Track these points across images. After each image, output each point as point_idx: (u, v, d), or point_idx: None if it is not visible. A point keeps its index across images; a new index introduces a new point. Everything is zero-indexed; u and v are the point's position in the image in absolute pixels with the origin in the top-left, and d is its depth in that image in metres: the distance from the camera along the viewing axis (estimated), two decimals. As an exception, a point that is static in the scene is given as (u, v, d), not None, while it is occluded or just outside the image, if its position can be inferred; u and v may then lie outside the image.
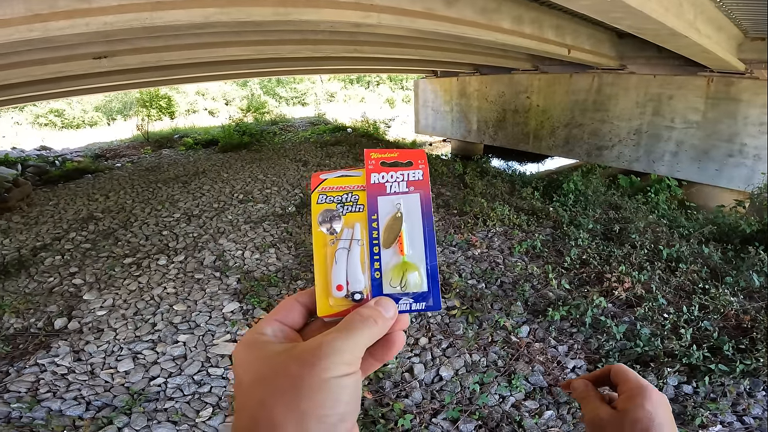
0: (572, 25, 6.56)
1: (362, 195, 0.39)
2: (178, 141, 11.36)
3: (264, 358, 0.33)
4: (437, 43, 6.74)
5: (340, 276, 0.38)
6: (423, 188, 0.39)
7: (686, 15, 4.70)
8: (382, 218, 0.39)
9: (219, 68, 7.62)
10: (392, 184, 0.39)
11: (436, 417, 2.52)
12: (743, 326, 3.13)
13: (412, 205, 0.39)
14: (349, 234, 0.39)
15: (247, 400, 0.32)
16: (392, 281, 0.38)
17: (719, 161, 7.79)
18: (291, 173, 7.79)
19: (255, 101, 18.04)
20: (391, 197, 0.39)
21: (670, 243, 4.44)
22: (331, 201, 0.39)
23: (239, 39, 5.46)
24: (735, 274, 3.87)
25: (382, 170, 0.39)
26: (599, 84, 9.04)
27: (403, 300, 0.38)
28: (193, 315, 3.55)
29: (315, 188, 0.40)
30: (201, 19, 3.48)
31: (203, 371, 2.94)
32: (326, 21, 4.05)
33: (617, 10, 3.81)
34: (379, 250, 0.38)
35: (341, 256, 0.38)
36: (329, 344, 0.32)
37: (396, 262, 0.38)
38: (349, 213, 0.39)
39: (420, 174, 0.39)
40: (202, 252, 4.76)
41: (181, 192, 6.85)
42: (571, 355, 3.00)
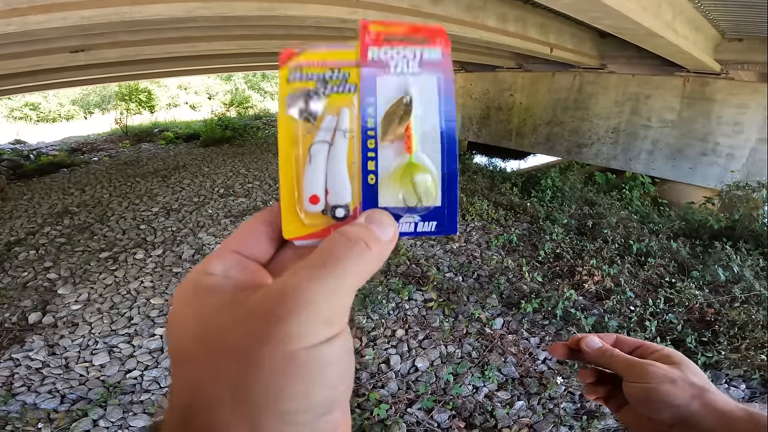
0: (555, 24, 6.67)
1: (354, 72, 0.27)
2: (158, 135, 11.17)
3: (204, 317, 0.23)
4: (423, 40, 6.77)
5: (315, 182, 0.27)
6: (443, 70, 0.28)
7: (664, 15, 4.81)
8: (381, 105, 0.27)
9: (202, 62, 7.52)
10: (399, 61, 0.27)
11: (411, 407, 2.57)
12: (707, 319, 3.25)
13: (427, 88, 0.27)
14: (332, 122, 0.27)
15: (179, 385, 0.22)
16: (393, 189, 0.27)
17: (693, 160, 8.00)
18: (274, 168, 7.75)
19: (239, 96, 17.82)
20: (397, 77, 0.27)
21: (640, 238, 4.59)
22: (309, 78, 0.27)
23: (223, 33, 5.41)
24: (702, 268, 4.01)
25: (385, 45, 0.27)
26: (580, 83, 9.19)
27: (406, 218, 0.27)
28: (170, 308, 3.53)
29: (285, 63, 0.27)
30: (183, 13, 3.45)
31: None
32: (312, 16, 4.05)
33: (596, 9, 3.89)
34: (375, 145, 0.27)
35: (319, 154, 0.27)
36: (296, 291, 0.21)
37: (399, 164, 0.27)
38: (335, 94, 0.27)
39: (439, 53, 0.28)
40: (180, 246, 4.73)
41: (160, 186, 6.76)
42: (542, 347, 3.09)
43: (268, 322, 0.20)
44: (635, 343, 0.53)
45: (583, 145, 9.51)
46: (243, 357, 0.20)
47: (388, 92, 0.27)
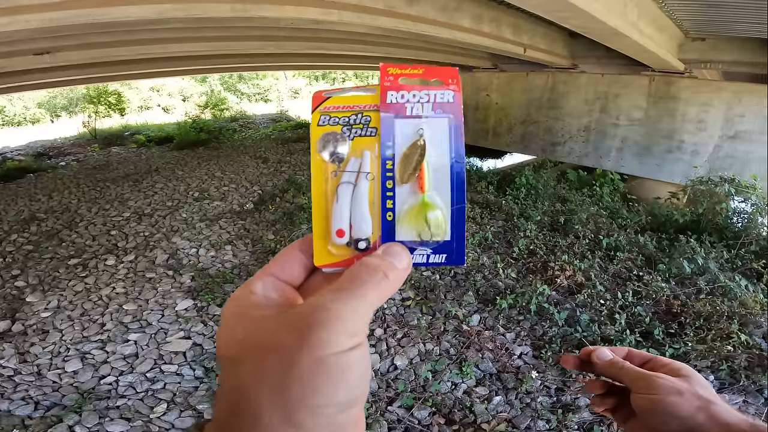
0: (529, 24, 6.79)
1: (375, 116, 0.31)
2: (129, 138, 10.87)
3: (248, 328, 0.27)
4: (400, 41, 6.81)
5: (341, 218, 0.30)
6: (454, 112, 0.31)
7: (629, 15, 4.95)
8: (399, 146, 0.31)
9: (175, 64, 7.36)
10: (414, 105, 0.31)
11: (391, 405, 2.60)
12: (673, 311, 3.37)
13: (438, 131, 0.31)
14: (356, 165, 0.31)
15: (228, 381, 0.26)
16: (408, 225, 0.31)
17: (660, 156, 8.28)
18: (250, 170, 7.66)
19: (214, 97, 17.48)
20: (413, 120, 0.31)
21: (609, 233, 4.73)
22: (336, 123, 0.31)
23: (197, 35, 5.31)
24: (668, 261, 4.16)
25: (403, 88, 0.31)
26: (553, 82, 9.40)
27: (419, 250, 0.31)
28: (144, 314, 3.51)
29: (316, 107, 0.32)
30: (154, 15, 3.38)
31: (156, 368, 2.93)
32: (286, 18, 4.03)
33: (564, 9, 3.97)
34: (393, 185, 0.31)
35: (344, 193, 0.31)
36: (326, 309, 0.25)
37: (414, 202, 0.31)
38: (358, 137, 0.31)
39: (451, 95, 0.31)
40: (153, 251, 4.63)
41: (132, 191, 6.59)
42: (518, 342, 3.16)
43: (305, 330, 0.24)
44: (646, 356, 0.54)
45: (557, 143, 9.73)
46: (283, 358, 0.24)
47: (405, 134, 0.31)
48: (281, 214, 5.54)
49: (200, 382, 2.83)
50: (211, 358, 3.03)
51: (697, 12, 5.95)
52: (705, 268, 3.94)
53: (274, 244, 4.58)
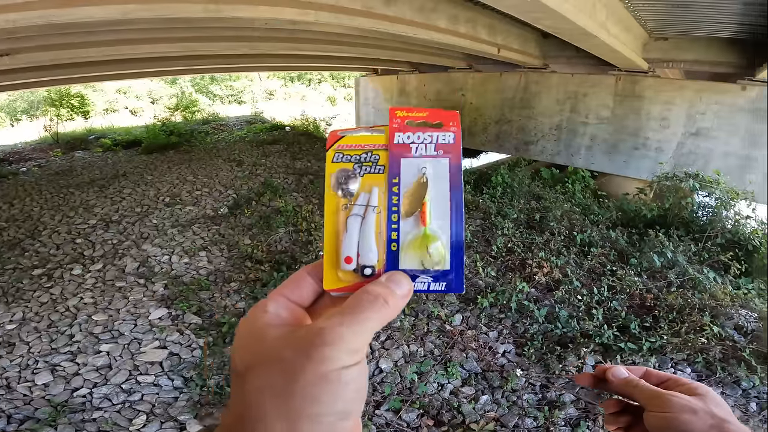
0: (503, 25, 6.89)
1: (383, 155, 0.35)
2: (94, 142, 10.40)
3: (260, 343, 0.30)
4: (377, 42, 6.79)
5: (350, 247, 0.33)
6: (453, 153, 0.35)
7: (598, 16, 5.08)
8: (404, 183, 0.34)
9: (144, 65, 7.09)
10: (419, 145, 0.35)
11: (379, 408, 2.57)
12: (647, 305, 3.46)
13: (439, 170, 0.34)
14: (365, 199, 0.34)
15: (238, 391, 0.29)
16: (410, 255, 0.33)
17: (627, 153, 8.56)
18: (224, 174, 7.46)
19: (185, 99, 16.96)
20: (417, 160, 0.35)
21: (583, 229, 4.84)
22: (348, 160, 0.35)
23: (167, 35, 5.13)
24: (639, 255, 4.29)
25: (408, 130, 0.35)
26: (526, 82, 9.59)
27: (421, 278, 0.33)
28: (115, 324, 3.39)
29: (331, 145, 0.35)
30: (119, 15, 3.26)
31: (132, 379, 2.84)
32: (261, 18, 3.95)
33: (537, 10, 4.04)
34: (398, 218, 0.34)
35: (353, 224, 0.34)
36: (331, 329, 0.28)
37: (416, 234, 0.34)
38: (368, 174, 0.35)
39: (451, 137, 0.35)
40: (123, 259, 4.45)
41: (98, 197, 6.30)
42: (501, 340, 3.18)
43: (310, 348, 0.27)
44: (664, 376, 0.54)
45: (530, 142, 9.93)
46: (290, 371, 0.27)
47: (410, 172, 0.34)
48: (257, 218, 5.41)
49: (179, 392, 2.73)
50: (189, 368, 2.92)
51: (661, 12, 6.17)
52: (674, 262, 4.08)
53: (251, 249, 4.46)
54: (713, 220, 5.10)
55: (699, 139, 7.64)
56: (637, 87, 8.17)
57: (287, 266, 4.07)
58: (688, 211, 5.42)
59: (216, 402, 2.61)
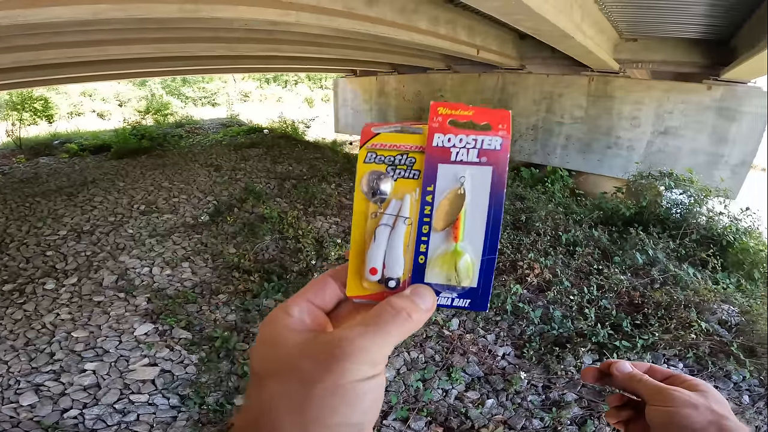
0: (482, 26, 6.95)
1: (420, 158, 0.32)
2: (60, 147, 9.89)
3: (280, 349, 0.29)
4: (357, 43, 6.72)
5: (376, 258, 0.32)
6: (499, 162, 0.31)
7: (575, 17, 5.17)
8: (439, 193, 0.32)
9: (112, 67, 6.76)
10: (459, 150, 0.31)
11: (386, 418, 2.53)
12: (635, 303, 3.56)
13: (480, 180, 0.31)
14: (395, 207, 0.32)
15: (255, 396, 0.29)
16: (437, 270, 0.32)
17: (600, 152, 8.81)
18: (202, 179, 7.22)
19: (156, 102, 16.35)
20: (456, 167, 0.31)
21: (567, 229, 4.94)
22: (381, 161, 0.33)
23: (139, 36, 4.89)
24: (621, 253, 4.40)
25: (450, 131, 0.31)
26: (503, 83, 9.73)
27: (445, 293, 0.32)
28: (98, 341, 3.23)
29: (364, 143, 0.33)
30: (89, 15, 3.08)
31: (124, 399, 2.71)
32: (241, 19, 3.82)
33: (520, 12, 4.08)
34: (429, 231, 0.32)
35: (382, 235, 0.32)
36: (351, 341, 0.27)
37: (446, 249, 0.32)
38: (401, 179, 0.32)
39: (499, 143, 0.31)
40: (99, 272, 4.23)
41: (66, 206, 5.97)
42: (499, 343, 3.20)
43: (330, 359, 0.27)
44: (667, 372, 0.55)
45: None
46: (307, 380, 0.27)
47: (446, 180, 0.31)
48: (241, 225, 5.26)
49: (177, 411, 2.62)
50: (184, 385, 2.80)
51: (632, 13, 6.37)
52: (655, 259, 4.21)
53: (237, 258, 4.33)
54: (687, 217, 5.31)
55: (668, 138, 7.93)
56: (608, 87, 8.42)
57: (277, 276, 3.96)
58: (663, 209, 5.63)
59: (217, 420, 2.51)
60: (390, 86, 12.25)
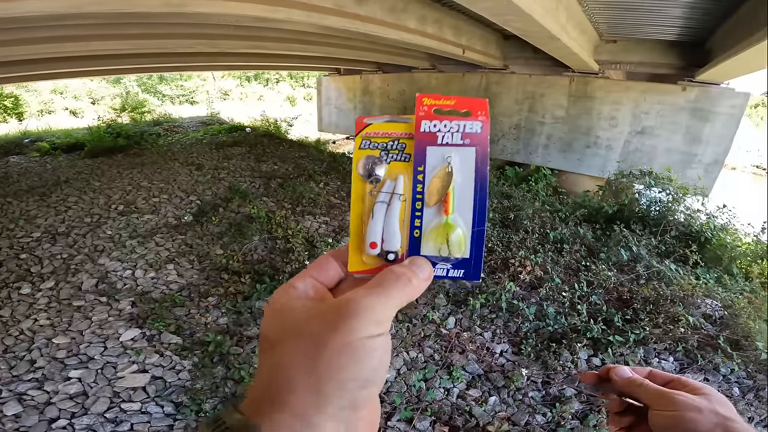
0: (468, 26, 6.99)
1: (410, 143, 0.35)
2: (30, 146, 9.44)
3: (289, 315, 0.31)
4: (343, 41, 6.66)
5: (375, 233, 0.35)
6: (481, 143, 0.35)
7: (560, 19, 5.24)
8: (429, 172, 0.35)
9: (85, 64, 6.47)
10: (445, 134, 0.35)
11: (390, 420, 2.50)
12: (624, 298, 3.63)
13: (465, 160, 0.34)
14: (390, 187, 0.35)
15: (267, 360, 0.30)
16: (432, 243, 0.34)
17: (580, 152, 9.02)
18: (183, 178, 7.01)
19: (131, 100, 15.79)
20: (442, 148, 0.35)
21: (553, 226, 5.02)
22: (375, 147, 0.36)
23: (115, 32, 4.68)
24: (606, 250, 4.50)
25: (435, 118, 0.35)
26: (487, 83, 9.83)
27: (440, 264, 0.35)
28: (81, 347, 3.09)
29: (359, 132, 0.36)
30: (65, 9, 2.93)
31: (115, 407, 2.60)
32: (229, 15, 3.71)
33: (511, 13, 4.11)
34: (422, 206, 0.35)
35: (379, 211, 0.35)
36: (357, 301, 0.29)
37: (438, 222, 0.34)
38: (394, 162, 0.35)
39: (479, 126, 0.35)
40: (77, 275, 4.06)
41: (39, 206, 5.69)
42: (496, 340, 3.21)
43: (338, 318, 0.29)
44: (668, 377, 0.55)
45: (491, 141, 10.12)
46: (317, 339, 0.28)
47: (435, 161, 0.34)
48: (227, 225, 5.13)
49: (173, 419, 2.51)
50: (178, 392, 2.70)
51: (613, 15, 6.53)
52: (638, 255, 4.33)
53: (225, 259, 4.21)
54: (666, 214, 5.48)
55: (644, 137, 8.18)
56: (588, 88, 8.61)
57: (269, 277, 3.87)
58: (644, 207, 5.79)
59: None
60: (375, 85, 12.21)
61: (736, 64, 5.52)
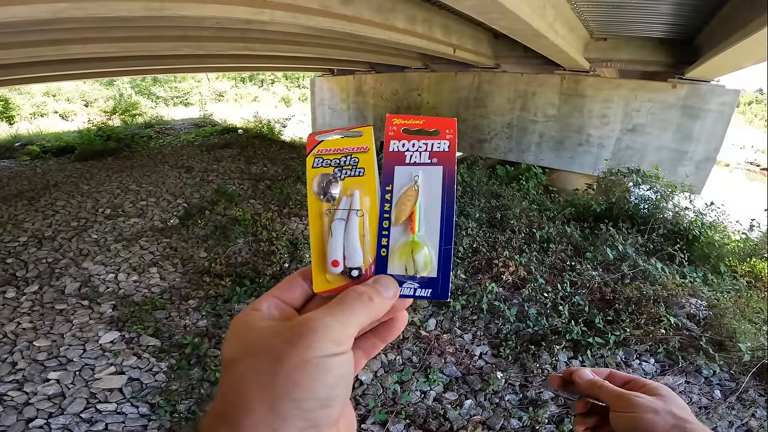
0: (457, 25, 6.97)
1: (362, 157, 0.35)
2: (20, 150, 9.42)
3: (250, 335, 0.31)
4: (334, 42, 6.64)
5: (336, 250, 0.34)
6: (448, 161, 0.35)
7: (548, 16, 5.23)
8: (396, 191, 0.35)
9: (75, 66, 6.47)
10: (413, 153, 0.35)
11: (365, 422, 2.50)
12: (606, 298, 3.60)
13: (432, 178, 0.35)
14: (347, 203, 0.35)
15: (226, 379, 0.30)
16: (398, 261, 0.34)
17: (572, 150, 9.00)
18: (172, 181, 6.99)
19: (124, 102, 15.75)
20: (409, 168, 0.35)
21: (540, 225, 5.00)
22: (328, 165, 0.36)
23: (102, 35, 4.69)
24: (593, 249, 4.48)
25: (404, 138, 0.35)
26: (479, 82, 9.80)
27: (408, 283, 0.34)
28: (61, 350, 3.11)
29: (310, 150, 0.36)
30: (47, 15, 2.95)
31: (91, 408, 2.62)
32: (211, 17, 3.70)
33: (495, 11, 4.09)
34: (389, 225, 0.35)
35: (338, 229, 0.35)
36: (316, 320, 0.29)
37: (405, 241, 0.34)
38: (348, 178, 0.35)
39: (446, 145, 0.35)
40: (61, 279, 4.06)
41: (27, 210, 5.68)
42: (476, 342, 3.19)
43: (294, 336, 0.28)
44: (627, 377, 0.56)
45: (484, 140, 10.18)
46: (275, 356, 0.28)
47: (403, 179, 0.34)
48: (212, 228, 5.11)
49: (147, 419, 2.52)
50: (154, 393, 2.70)
51: (602, 13, 6.51)
52: (625, 254, 4.31)
53: (208, 262, 4.19)
54: (655, 212, 5.46)
55: (635, 135, 8.17)
56: (579, 86, 8.59)
57: (250, 279, 3.85)
58: (632, 205, 5.77)
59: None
60: (368, 85, 12.19)
61: (723, 61, 5.51)
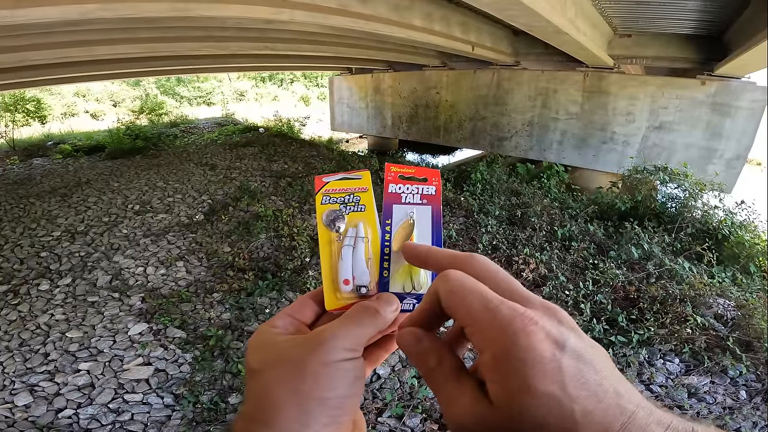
0: (476, 22, 6.93)
1: (363, 196, 0.42)
2: (53, 148, 9.83)
3: (271, 346, 0.35)
4: (352, 40, 6.70)
5: (346, 271, 0.40)
6: (435, 202, 0.43)
7: (568, 13, 5.16)
8: (395, 224, 0.42)
9: (103, 67, 6.70)
10: (407, 195, 0.43)
11: (381, 416, 2.52)
12: (630, 297, 3.53)
13: (423, 215, 0.42)
14: (353, 232, 0.41)
15: (254, 386, 0.34)
16: (399, 281, 0.40)
17: (595, 148, 8.82)
18: (197, 178, 7.19)
19: (150, 102, 16.24)
20: (405, 207, 0.42)
21: (562, 223, 4.93)
22: (335, 202, 0.42)
23: (129, 36, 4.86)
24: (617, 248, 4.39)
25: (400, 182, 0.43)
26: (498, 79, 9.71)
27: (407, 300, 0.40)
28: (92, 341, 3.22)
29: (319, 190, 0.43)
30: (77, 16, 3.05)
31: (118, 398, 2.71)
32: (233, 17, 3.80)
33: (514, 8, 4.06)
34: (389, 251, 0.41)
35: (347, 253, 0.41)
36: (331, 330, 0.34)
37: (403, 264, 0.40)
38: (352, 213, 0.42)
39: (433, 190, 0.43)
40: (93, 272, 4.22)
41: (61, 207, 5.93)
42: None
43: (314, 345, 0.33)
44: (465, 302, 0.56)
45: (504, 138, 10.08)
46: (299, 363, 0.32)
47: (400, 215, 0.42)
48: (236, 224, 5.24)
49: (172, 410, 2.60)
50: (179, 384, 2.79)
51: (626, 9, 6.37)
52: (650, 253, 4.21)
53: (232, 257, 4.31)
54: (683, 211, 5.32)
55: (662, 133, 7.95)
56: (603, 83, 8.41)
57: (272, 274, 3.94)
58: (659, 203, 5.63)
59: (211, 419, 2.50)
60: (385, 84, 12.22)
61: (754, 56, 5.31)
